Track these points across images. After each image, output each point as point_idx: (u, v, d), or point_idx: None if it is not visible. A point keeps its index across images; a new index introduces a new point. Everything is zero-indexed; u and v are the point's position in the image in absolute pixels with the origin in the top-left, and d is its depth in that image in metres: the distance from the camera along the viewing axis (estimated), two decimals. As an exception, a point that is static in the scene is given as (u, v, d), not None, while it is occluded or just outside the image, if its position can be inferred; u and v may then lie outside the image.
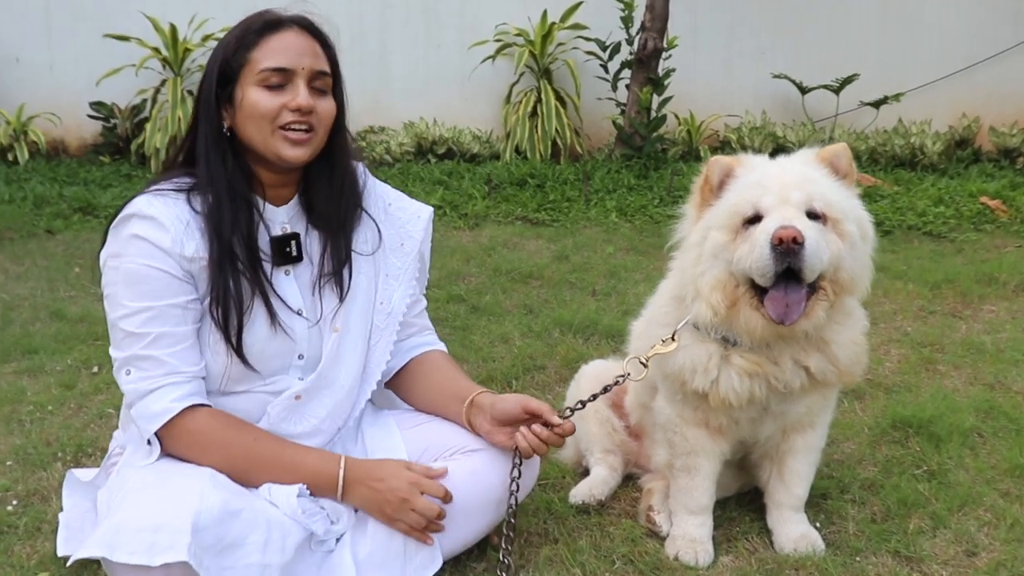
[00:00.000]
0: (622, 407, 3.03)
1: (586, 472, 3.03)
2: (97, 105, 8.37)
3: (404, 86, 8.80)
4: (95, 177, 7.81)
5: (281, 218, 2.46)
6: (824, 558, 2.55)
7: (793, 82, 8.25)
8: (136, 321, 2.26)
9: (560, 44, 8.43)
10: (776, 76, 8.32)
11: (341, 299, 2.47)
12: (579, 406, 2.63)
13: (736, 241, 2.36)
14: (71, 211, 6.88)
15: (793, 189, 2.35)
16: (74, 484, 2.67)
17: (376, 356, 2.60)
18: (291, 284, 2.45)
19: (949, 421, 3.31)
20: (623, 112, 7.98)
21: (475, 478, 2.45)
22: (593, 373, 3.05)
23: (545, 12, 8.25)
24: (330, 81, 2.42)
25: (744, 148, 8.10)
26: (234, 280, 2.32)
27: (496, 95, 8.66)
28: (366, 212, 2.56)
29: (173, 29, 8.08)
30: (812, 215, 2.34)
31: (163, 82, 8.22)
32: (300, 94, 2.32)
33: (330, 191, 2.48)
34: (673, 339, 2.53)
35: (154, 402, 2.27)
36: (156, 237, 2.27)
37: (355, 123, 8.33)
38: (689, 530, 2.64)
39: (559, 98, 8.34)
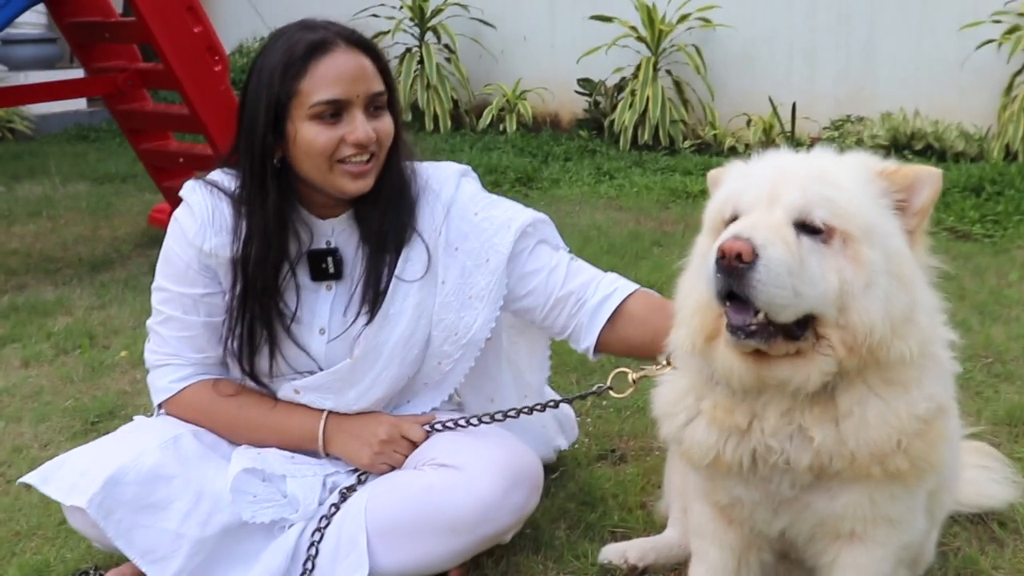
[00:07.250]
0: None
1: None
2: (583, 82, 8.85)
3: (891, 73, 8.05)
4: (555, 151, 8.29)
5: (326, 231, 2.39)
6: None
7: None
8: (158, 297, 2.45)
9: (1079, 27, 7.11)
10: None
11: (367, 324, 2.37)
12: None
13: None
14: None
15: (789, 186, 1.75)
16: None
17: (447, 382, 2.53)
18: (325, 301, 2.41)
19: None
20: None
21: (428, 495, 2.29)
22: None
23: (1063, -12, 7.01)
24: (386, 98, 2.31)
25: None
26: (249, 322, 2.35)
27: (997, 86, 7.55)
28: (419, 235, 2.40)
29: (650, 9, 8.23)
30: (808, 228, 1.73)
31: (642, 62, 8.41)
32: (359, 128, 2.22)
33: (380, 206, 2.36)
34: (668, 363, 2.13)
35: (159, 377, 2.46)
36: (186, 224, 2.36)
37: (833, 111, 8.03)
38: (689, 629, 2.20)
39: (1071, 91, 7.06)
